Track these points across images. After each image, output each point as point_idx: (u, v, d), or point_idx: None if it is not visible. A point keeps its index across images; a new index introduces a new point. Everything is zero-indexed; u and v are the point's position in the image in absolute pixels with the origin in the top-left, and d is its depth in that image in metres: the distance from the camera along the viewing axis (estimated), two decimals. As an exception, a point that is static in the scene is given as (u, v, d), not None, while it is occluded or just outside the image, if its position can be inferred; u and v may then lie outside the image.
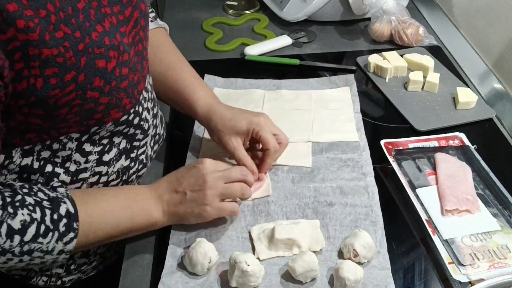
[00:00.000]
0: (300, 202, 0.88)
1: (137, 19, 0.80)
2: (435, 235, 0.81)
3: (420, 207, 0.85)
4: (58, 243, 0.69)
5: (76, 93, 0.69)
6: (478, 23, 1.29)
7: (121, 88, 0.75)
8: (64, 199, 0.70)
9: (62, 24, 0.65)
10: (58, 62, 0.65)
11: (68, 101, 0.68)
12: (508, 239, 0.81)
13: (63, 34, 0.65)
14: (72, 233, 0.70)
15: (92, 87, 0.70)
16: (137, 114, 0.83)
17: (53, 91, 0.66)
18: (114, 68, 0.72)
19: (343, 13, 1.39)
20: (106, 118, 0.76)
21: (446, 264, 0.77)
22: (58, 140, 0.76)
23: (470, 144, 0.98)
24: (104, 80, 0.71)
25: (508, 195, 0.87)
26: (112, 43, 0.71)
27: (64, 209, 0.69)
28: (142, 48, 0.83)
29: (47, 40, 0.63)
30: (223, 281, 0.76)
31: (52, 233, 0.68)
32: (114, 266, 0.91)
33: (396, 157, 0.95)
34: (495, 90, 1.17)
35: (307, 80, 1.17)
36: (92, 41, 0.68)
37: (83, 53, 0.67)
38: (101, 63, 0.70)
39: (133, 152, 0.86)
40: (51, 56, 0.64)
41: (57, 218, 0.68)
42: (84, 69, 0.68)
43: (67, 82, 0.67)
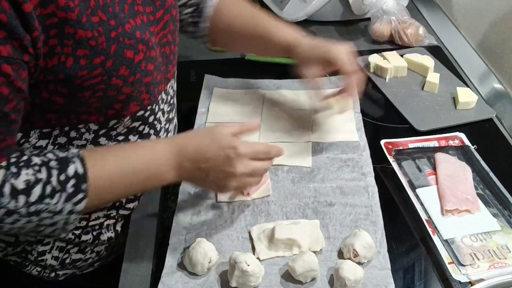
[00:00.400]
0: (300, 202, 0.88)
1: (167, 22, 0.83)
2: (435, 235, 0.81)
3: (420, 207, 0.85)
4: (67, 204, 0.68)
5: (102, 78, 0.71)
6: (478, 23, 1.29)
7: (144, 83, 0.77)
8: (74, 159, 0.69)
9: (99, 10, 0.68)
10: (90, 44, 0.67)
11: (93, 84, 0.70)
12: (508, 239, 0.81)
13: (99, 20, 0.68)
14: (81, 194, 0.68)
15: (117, 75, 0.72)
16: (153, 113, 0.84)
17: (81, 72, 0.68)
18: (141, 62, 0.75)
19: (343, 13, 1.39)
20: (125, 110, 0.78)
21: (446, 264, 0.77)
22: (76, 129, 0.77)
23: (470, 144, 0.98)
24: (129, 70, 0.73)
25: (508, 195, 0.87)
26: (143, 38, 0.74)
27: (72, 170, 0.68)
28: (169, 51, 0.85)
29: (84, 22, 0.66)
30: (223, 281, 0.76)
31: (59, 194, 0.67)
32: (111, 265, 0.91)
33: (396, 157, 0.95)
34: (495, 90, 1.17)
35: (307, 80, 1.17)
36: (124, 31, 0.71)
37: (115, 41, 0.70)
38: (129, 54, 0.72)
39: None
40: (84, 38, 0.66)
41: (65, 179, 0.67)
42: (113, 56, 0.70)
43: (95, 65, 0.69)
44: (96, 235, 0.87)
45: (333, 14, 1.39)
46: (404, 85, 1.17)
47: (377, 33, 1.31)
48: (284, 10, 1.39)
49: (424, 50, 1.27)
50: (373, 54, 1.22)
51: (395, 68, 1.18)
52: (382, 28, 1.30)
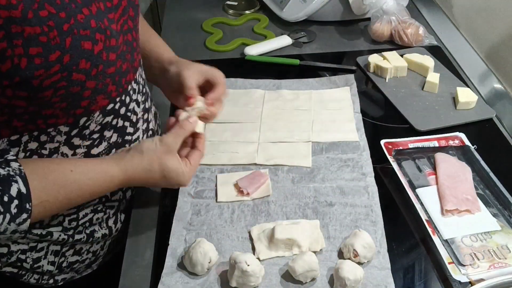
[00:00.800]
0: (300, 202, 0.88)
1: (125, 8, 0.79)
2: (435, 235, 0.81)
3: (420, 207, 0.85)
4: (11, 225, 0.66)
5: (62, 74, 0.68)
6: (478, 23, 1.29)
7: (108, 74, 0.74)
8: (16, 178, 0.67)
9: (46, 3, 0.64)
10: (41, 41, 0.64)
11: (53, 82, 0.68)
12: (508, 239, 0.81)
13: (47, 13, 0.64)
14: (25, 214, 0.67)
15: (78, 69, 0.69)
16: (124, 104, 0.82)
17: (38, 71, 0.65)
18: (101, 52, 0.71)
19: (343, 13, 1.39)
20: (93, 105, 0.75)
21: (446, 264, 0.77)
22: (46, 133, 0.75)
23: (470, 144, 0.98)
24: (90, 62, 0.70)
25: (508, 195, 0.87)
26: (99, 26, 0.70)
27: (15, 190, 0.66)
28: (131, 38, 0.82)
29: (30, 18, 0.62)
30: (223, 281, 0.76)
31: (3, 216, 0.65)
32: (110, 265, 0.91)
33: (396, 157, 0.95)
34: (495, 90, 1.17)
35: (307, 80, 1.17)
36: (77, 22, 0.67)
37: (68, 33, 0.66)
38: (87, 45, 0.69)
39: (124, 146, 0.85)
40: (33, 34, 0.63)
41: (8, 201, 0.65)
42: (70, 49, 0.67)
43: (52, 62, 0.66)
44: (89, 233, 0.86)
45: (333, 14, 1.39)
46: (404, 85, 1.17)
47: (377, 33, 1.31)
48: (284, 10, 1.39)
49: (424, 50, 1.27)
50: (373, 54, 1.22)
51: (395, 68, 1.18)
52: (382, 28, 1.30)
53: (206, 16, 1.45)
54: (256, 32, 1.39)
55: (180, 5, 1.54)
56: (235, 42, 1.33)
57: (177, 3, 1.55)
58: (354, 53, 1.29)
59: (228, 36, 1.37)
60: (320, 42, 1.34)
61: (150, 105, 0.93)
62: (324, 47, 1.33)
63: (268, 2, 1.45)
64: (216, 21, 1.44)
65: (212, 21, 1.43)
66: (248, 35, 1.38)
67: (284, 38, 1.33)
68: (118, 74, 0.77)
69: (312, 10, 1.35)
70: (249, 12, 1.47)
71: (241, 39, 1.34)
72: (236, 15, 1.47)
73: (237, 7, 1.49)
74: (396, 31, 1.29)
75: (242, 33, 1.38)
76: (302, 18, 1.38)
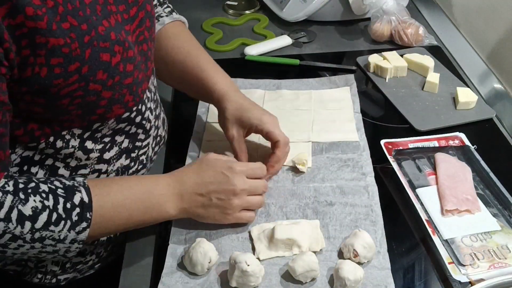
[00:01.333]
0: (300, 202, 0.88)
1: (142, 19, 0.81)
2: (435, 235, 0.81)
3: (420, 207, 0.85)
4: (71, 232, 0.69)
5: (79, 84, 0.69)
6: (478, 23, 1.29)
7: (125, 84, 0.76)
8: (80, 188, 0.70)
9: (69, 16, 0.66)
10: (63, 52, 0.66)
11: (70, 91, 0.69)
12: (508, 239, 0.81)
13: (69, 25, 0.66)
14: (85, 222, 0.69)
15: (95, 80, 0.71)
16: (140, 113, 0.83)
17: (57, 80, 0.67)
18: (118, 63, 0.73)
19: (343, 13, 1.38)
20: (108, 114, 0.77)
21: (446, 264, 0.77)
22: (61, 137, 0.76)
23: (470, 144, 0.98)
24: (107, 73, 0.72)
25: (508, 195, 0.87)
26: (118, 38, 0.72)
27: (78, 198, 0.69)
28: (146, 48, 0.83)
29: (54, 29, 0.64)
30: (223, 281, 0.76)
31: (64, 222, 0.68)
32: (112, 266, 0.91)
33: (396, 157, 0.95)
34: (495, 90, 1.17)
35: (307, 80, 1.17)
36: (98, 34, 0.69)
37: (89, 45, 0.68)
38: (105, 57, 0.71)
39: (134, 152, 0.86)
40: (57, 46, 0.65)
41: (70, 207, 0.68)
42: (89, 61, 0.69)
43: (71, 72, 0.67)
44: None
45: (333, 14, 1.39)
46: (404, 85, 1.17)
47: (377, 33, 1.31)
48: (284, 10, 1.39)
49: (424, 50, 1.27)
50: (373, 54, 1.22)
51: (395, 68, 1.18)
52: (382, 28, 1.30)
53: (206, 16, 1.45)
54: (256, 32, 1.39)
55: (180, 5, 1.53)
56: (235, 42, 1.33)
57: (177, 3, 1.54)
58: (354, 53, 1.29)
59: (228, 36, 1.37)
60: (320, 42, 1.34)
61: (159, 112, 0.94)
62: (324, 47, 1.33)
63: (268, 2, 1.45)
64: (216, 21, 1.44)
65: (212, 21, 1.43)
66: (248, 35, 1.38)
67: (284, 38, 1.32)
68: (135, 84, 0.78)
69: (312, 10, 1.35)
70: (249, 12, 1.47)
71: (241, 39, 1.34)
72: (236, 15, 1.47)
73: (237, 7, 1.49)
74: (396, 31, 1.29)
75: (242, 33, 1.38)
76: (302, 18, 1.38)
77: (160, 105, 0.95)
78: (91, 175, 0.82)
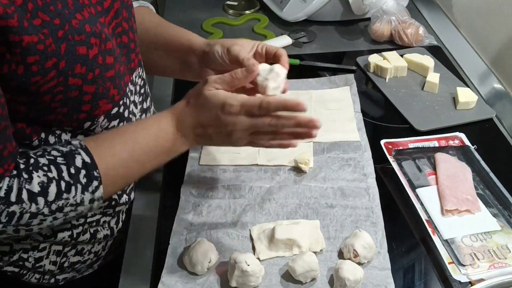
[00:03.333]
0: (301, 202, 0.88)
1: (118, 10, 0.79)
2: (435, 235, 0.81)
3: (420, 207, 0.85)
4: (85, 194, 0.69)
5: (58, 80, 0.68)
6: (478, 23, 1.29)
7: (107, 78, 0.74)
8: (78, 150, 0.70)
9: (39, 12, 0.65)
10: (39, 49, 0.64)
11: (50, 88, 0.68)
12: (508, 239, 0.81)
13: (41, 21, 0.65)
14: (95, 181, 0.70)
15: (73, 74, 0.69)
16: (126, 107, 0.82)
17: (34, 78, 0.66)
18: (96, 56, 0.72)
19: (343, 13, 1.39)
20: (96, 110, 0.76)
21: (446, 264, 0.77)
22: (52, 132, 0.75)
23: (470, 144, 0.98)
24: (85, 67, 0.70)
25: (508, 195, 0.87)
26: (94, 31, 0.71)
27: (79, 161, 0.69)
28: (127, 40, 0.82)
29: (26, 27, 0.63)
30: (223, 281, 0.76)
31: (74, 187, 0.68)
32: (111, 265, 0.91)
33: (396, 157, 0.95)
34: (495, 90, 1.17)
35: (307, 80, 1.17)
36: (72, 27, 0.68)
37: (63, 39, 0.67)
38: (82, 50, 0.69)
39: None
40: (31, 43, 0.63)
41: (75, 172, 0.69)
42: (65, 55, 0.67)
43: (48, 68, 0.66)
44: (92, 233, 0.86)
45: (333, 14, 1.39)
46: (404, 85, 1.17)
47: (377, 33, 1.31)
48: (284, 10, 1.39)
49: (424, 50, 1.27)
50: (373, 54, 1.22)
51: (395, 68, 1.18)
52: (382, 28, 1.30)
53: (206, 16, 1.45)
54: (256, 32, 1.39)
55: (180, 5, 1.54)
56: (235, 42, 1.33)
57: (177, 3, 1.55)
58: (354, 53, 1.29)
59: (228, 36, 1.37)
60: (320, 42, 1.34)
61: (148, 105, 0.92)
62: (324, 47, 1.33)
63: (268, 2, 1.45)
64: (216, 21, 1.44)
65: (212, 21, 1.43)
66: (248, 35, 1.38)
67: (284, 38, 1.33)
68: (117, 77, 0.77)
69: (312, 10, 1.35)
70: (249, 12, 1.47)
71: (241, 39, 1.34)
72: (236, 15, 1.47)
73: (237, 7, 1.49)
74: (396, 31, 1.29)
75: (242, 33, 1.38)
76: (302, 18, 1.38)
77: (150, 99, 0.93)
78: None
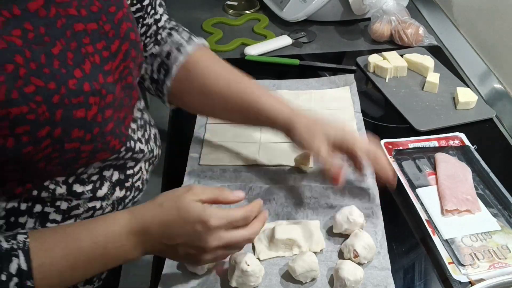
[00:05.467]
0: (301, 202, 0.88)
1: (127, 52, 0.71)
2: (435, 235, 0.81)
3: (420, 207, 0.85)
4: None
5: (53, 148, 0.62)
6: (478, 23, 1.29)
7: (107, 132, 0.68)
8: (18, 252, 0.61)
9: (32, 77, 0.58)
10: (29, 119, 0.58)
11: (44, 155, 0.62)
12: (508, 239, 0.81)
13: (34, 88, 0.58)
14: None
15: (70, 139, 0.63)
16: (130, 150, 0.75)
17: (26, 149, 0.60)
18: (96, 115, 0.65)
19: (343, 13, 1.39)
20: (92, 160, 0.70)
21: (446, 264, 0.77)
22: (45, 188, 0.69)
23: (470, 144, 0.98)
24: (84, 130, 0.64)
25: (508, 195, 0.87)
26: (94, 88, 0.64)
27: (15, 267, 0.60)
28: (131, 79, 0.75)
29: (15, 98, 0.57)
30: (223, 281, 0.76)
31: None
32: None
33: (396, 157, 0.95)
34: (495, 90, 1.17)
35: (307, 80, 1.17)
36: (69, 90, 0.61)
37: (59, 105, 0.60)
38: (79, 113, 0.63)
39: (128, 181, 0.79)
40: (20, 114, 0.57)
41: (6, 279, 0.59)
42: (61, 122, 0.61)
43: (41, 138, 0.60)
44: None
45: (333, 14, 1.39)
46: (404, 85, 1.17)
47: (377, 33, 1.31)
48: (284, 10, 1.39)
49: (424, 50, 1.27)
50: (373, 54, 1.22)
51: (395, 68, 1.18)
52: (382, 28, 1.30)
53: (206, 16, 1.45)
54: (256, 32, 1.39)
55: (180, 5, 1.54)
56: (235, 42, 1.33)
57: (177, 3, 1.55)
58: (354, 53, 1.29)
59: (228, 36, 1.37)
60: (320, 42, 1.34)
61: (149, 133, 0.84)
62: (324, 47, 1.33)
63: (268, 2, 1.45)
64: (216, 21, 1.44)
65: (212, 21, 1.43)
66: (248, 35, 1.38)
67: (284, 38, 1.32)
68: (117, 126, 0.71)
69: (312, 10, 1.35)
70: (249, 12, 1.47)
71: (241, 39, 1.34)
72: (236, 15, 1.47)
73: (237, 7, 1.49)
74: (396, 31, 1.29)
75: (242, 33, 1.38)
76: (302, 18, 1.38)
77: (149, 123, 0.86)
78: (86, 213, 0.74)
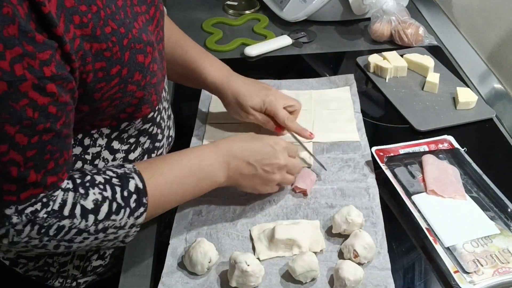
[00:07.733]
0: (301, 202, 0.88)
1: (159, 19, 0.82)
2: (437, 244, 0.79)
3: (418, 215, 0.83)
4: (130, 218, 0.71)
5: (119, 87, 0.71)
6: (478, 23, 1.29)
7: (152, 84, 0.77)
8: (132, 175, 0.72)
9: (109, 20, 0.67)
10: (106, 56, 0.67)
11: (111, 95, 0.70)
12: (508, 242, 0.80)
13: (111, 29, 0.67)
14: (142, 207, 0.71)
15: (132, 81, 0.72)
16: (159, 112, 0.84)
17: (100, 84, 0.68)
18: (150, 64, 0.74)
19: (343, 13, 1.39)
20: (137, 113, 0.78)
21: (452, 274, 0.74)
22: (89, 135, 0.77)
23: (460, 147, 0.97)
24: (142, 74, 0.73)
25: (504, 197, 0.86)
26: (149, 39, 0.74)
27: (133, 185, 0.71)
28: (162, 47, 0.84)
29: (98, 35, 0.65)
30: (223, 281, 0.76)
31: (124, 210, 0.70)
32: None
33: (388, 164, 0.93)
34: (495, 90, 1.17)
35: (307, 80, 1.17)
36: (133, 36, 0.70)
37: (127, 48, 0.69)
38: (140, 58, 0.72)
39: (154, 152, 0.87)
40: (100, 50, 0.66)
41: (127, 195, 0.70)
42: (128, 63, 0.70)
43: (112, 75, 0.69)
44: None
45: (333, 14, 1.39)
46: (404, 85, 1.17)
47: (377, 33, 1.31)
48: (284, 10, 1.39)
49: (424, 50, 1.27)
50: (373, 54, 1.22)
51: (395, 68, 1.18)
52: (382, 28, 1.30)
53: (206, 16, 1.45)
54: (256, 32, 1.39)
55: (180, 5, 1.54)
56: (235, 42, 1.33)
57: (177, 3, 1.55)
58: (354, 53, 1.29)
59: (228, 36, 1.37)
60: (320, 42, 1.34)
61: (170, 112, 0.94)
62: (324, 47, 1.33)
63: (268, 2, 1.45)
64: (216, 21, 1.44)
65: (212, 21, 1.43)
66: (248, 35, 1.38)
67: (284, 38, 1.33)
68: (158, 84, 0.80)
69: (312, 10, 1.35)
70: (249, 12, 1.47)
71: (241, 39, 1.34)
72: (236, 15, 1.47)
73: (237, 7, 1.49)
74: (396, 31, 1.29)
75: (242, 33, 1.38)
76: (302, 18, 1.38)
77: (170, 105, 0.95)
78: None
